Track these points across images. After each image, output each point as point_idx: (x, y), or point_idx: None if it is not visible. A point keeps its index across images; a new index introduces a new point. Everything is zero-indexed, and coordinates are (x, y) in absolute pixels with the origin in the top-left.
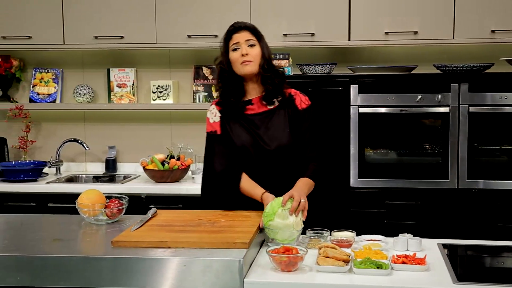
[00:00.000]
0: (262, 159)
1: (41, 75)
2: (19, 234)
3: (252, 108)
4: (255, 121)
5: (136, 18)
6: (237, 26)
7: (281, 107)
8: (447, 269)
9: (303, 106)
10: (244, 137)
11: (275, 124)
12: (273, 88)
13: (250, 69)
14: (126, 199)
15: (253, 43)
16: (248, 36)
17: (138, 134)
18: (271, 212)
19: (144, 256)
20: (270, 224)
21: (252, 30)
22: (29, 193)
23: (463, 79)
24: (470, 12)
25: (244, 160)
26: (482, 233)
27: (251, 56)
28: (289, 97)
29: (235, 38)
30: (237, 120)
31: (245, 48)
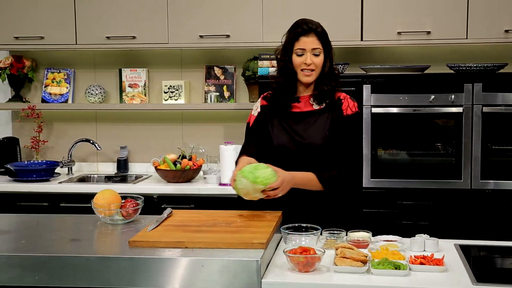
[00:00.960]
0: (297, 156)
1: (53, 75)
2: (36, 234)
3: (298, 106)
4: (297, 118)
5: (148, 18)
6: (307, 28)
7: (327, 109)
8: (466, 270)
9: (348, 112)
10: (282, 137)
11: (316, 124)
12: (327, 91)
13: (310, 80)
14: (141, 199)
15: (319, 52)
16: (315, 44)
17: (150, 134)
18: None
19: (161, 256)
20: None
21: (320, 36)
22: (41, 193)
23: (476, 79)
24: (484, 11)
25: (281, 159)
26: (495, 233)
27: (314, 65)
28: (338, 100)
29: (302, 42)
30: (281, 117)
31: (310, 57)
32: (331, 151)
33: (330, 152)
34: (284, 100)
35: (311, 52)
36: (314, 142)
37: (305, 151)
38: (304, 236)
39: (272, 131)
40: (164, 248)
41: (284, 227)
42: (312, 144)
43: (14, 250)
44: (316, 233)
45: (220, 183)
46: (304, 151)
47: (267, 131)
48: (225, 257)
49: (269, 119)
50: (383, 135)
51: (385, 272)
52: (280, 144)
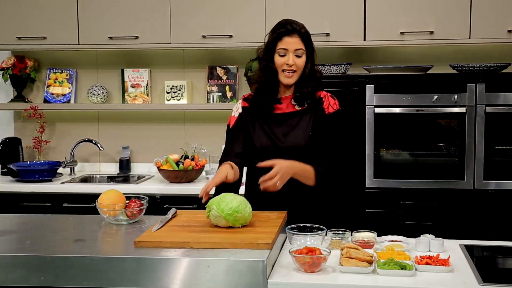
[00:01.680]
0: (280, 158)
1: (56, 75)
2: (40, 234)
3: (280, 108)
4: (279, 120)
5: (150, 18)
6: (290, 29)
7: (309, 110)
8: (471, 270)
9: (330, 110)
10: (264, 140)
11: (298, 125)
12: (307, 92)
13: (291, 81)
14: (146, 200)
15: (301, 53)
16: (298, 44)
17: (152, 134)
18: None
19: (167, 257)
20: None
21: (303, 37)
22: (44, 193)
23: (479, 79)
24: (487, 11)
25: (264, 161)
26: (498, 233)
27: (296, 66)
28: (318, 99)
29: (285, 42)
30: (262, 119)
31: (292, 58)
32: (315, 151)
33: (313, 152)
34: (266, 102)
35: (294, 52)
36: (297, 144)
37: (287, 152)
38: (309, 237)
39: (254, 133)
40: (169, 249)
41: (289, 227)
42: (294, 146)
43: (19, 250)
44: (321, 233)
45: None
46: (287, 153)
47: (249, 133)
48: (231, 257)
49: (250, 121)
50: (386, 135)
51: (391, 272)
52: (262, 146)
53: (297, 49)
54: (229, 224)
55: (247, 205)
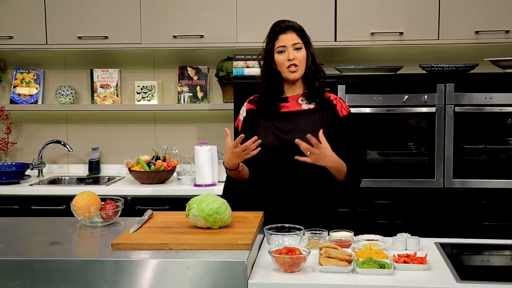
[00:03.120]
0: (285, 156)
1: (22, 75)
2: (15, 238)
3: (287, 106)
4: (285, 118)
5: (120, 18)
6: (284, 26)
7: (317, 110)
8: (448, 268)
9: (344, 113)
10: (270, 138)
11: (305, 124)
12: (318, 88)
13: (297, 76)
14: (121, 201)
15: (300, 46)
16: (295, 39)
17: (122, 135)
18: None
19: (146, 259)
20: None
21: (299, 32)
22: (11, 196)
23: (448, 79)
24: (455, 13)
25: (269, 159)
26: (467, 231)
27: (298, 60)
28: (328, 101)
29: (282, 40)
30: (268, 118)
31: (292, 52)
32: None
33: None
34: (273, 103)
35: (292, 47)
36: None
37: (292, 151)
38: (288, 237)
39: (259, 131)
40: (148, 250)
41: (267, 227)
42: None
43: None
44: (300, 233)
45: (195, 184)
46: (292, 151)
47: (254, 132)
48: (211, 258)
49: (256, 121)
50: None
51: (370, 271)
52: (268, 145)
53: (295, 43)
54: (208, 225)
55: (228, 208)
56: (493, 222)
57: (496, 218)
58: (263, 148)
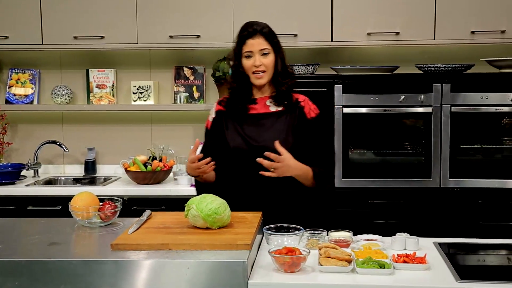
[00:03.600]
0: (252, 158)
1: (18, 75)
2: (13, 238)
3: (255, 108)
4: (252, 120)
5: (117, 18)
6: (252, 31)
7: (285, 112)
8: (448, 267)
9: (312, 115)
10: (237, 140)
11: (273, 127)
12: (285, 91)
13: (263, 82)
14: (120, 201)
15: (267, 51)
16: (262, 44)
17: (118, 135)
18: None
19: (146, 259)
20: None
21: (267, 36)
22: (7, 196)
23: (445, 79)
24: (451, 13)
25: (236, 161)
26: (463, 231)
27: (264, 66)
28: (296, 103)
29: (249, 45)
30: (236, 120)
31: (258, 59)
32: (293, 153)
33: (298, 155)
34: (241, 105)
35: (259, 53)
36: (270, 145)
37: (259, 153)
38: (287, 237)
39: (228, 134)
40: (147, 251)
41: (266, 227)
42: (266, 147)
43: None
44: (299, 233)
45: (191, 184)
46: (259, 154)
47: (223, 135)
48: (211, 258)
49: (225, 123)
50: (355, 135)
51: (370, 271)
52: (235, 147)
53: (262, 49)
54: (207, 225)
55: (227, 208)
56: (489, 221)
57: (492, 217)
58: (230, 151)
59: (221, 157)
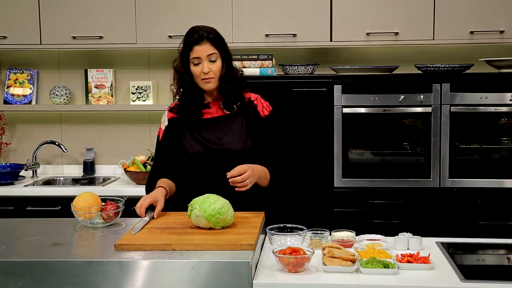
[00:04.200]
0: (213, 163)
1: (16, 76)
2: (15, 239)
3: (209, 112)
4: (208, 124)
5: (115, 18)
6: (198, 37)
7: (240, 113)
8: (451, 267)
9: (265, 113)
10: (196, 146)
11: (230, 129)
12: (232, 96)
13: (212, 86)
14: (122, 202)
15: (215, 58)
16: (210, 50)
17: (117, 135)
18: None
19: (150, 259)
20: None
21: (213, 41)
22: (6, 197)
23: (444, 79)
24: (450, 13)
25: (197, 168)
26: (463, 230)
27: (212, 73)
28: (249, 102)
29: (196, 51)
30: (191, 126)
31: (206, 65)
32: (252, 153)
33: (250, 155)
34: (193, 109)
35: (207, 59)
36: (232, 148)
37: (221, 157)
38: (290, 237)
39: (185, 141)
40: (151, 251)
41: (269, 227)
42: (229, 149)
43: None
44: (302, 233)
45: None
46: (221, 157)
47: (180, 143)
48: (215, 258)
49: (180, 130)
50: (354, 135)
51: (374, 271)
52: (195, 153)
53: (209, 55)
54: (210, 225)
55: (230, 208)
56: (489, 221)
57: (492, 217)
58: (190, 157)
59: (177, 166)
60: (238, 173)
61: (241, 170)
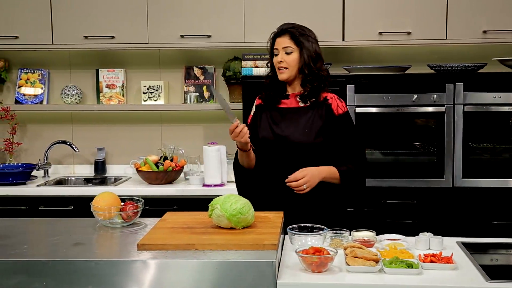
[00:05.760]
0: (277, 150)
1: (27, 75)
2: (36, 239)
3: (286, 103)
4: (281, 113)
5: (127, 17)
6: (280, 30)
7: (311, 107)
8: (475, 267)
9: (339, 111)
10: (265, 130)
11: (298, 121)
12: (311, 91)
13: (285, 77)
14: (141, 202)
15: (291, 50)
16: (287, 43)
17: (128, 135)
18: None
19: (173, 259)
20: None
21: (292, 35)
22: (19, 197)
23: (457, 78)
24: (462, 12)
25: (264, 152)
26: (476, 230)
27: (286, 63)
28: (324, 100)
29: (276, 43)
30: (269, 112)
31: (281, 56)
32: (321, 148)
33: (317, 149)
34: (273, 96)
35: (283, 51)
36: (292, 138)
37: (283, 145)
38: (310, 236)
39: (260, 126)
40: (174, 251)
41: (290, 227)
42: (288, 139)
43: (18, 255)
44: (323, 233)
45: (203, 184)
46: (282, 145)
47: (258, 127)
48: (239, 258)
49: (260, 115)
50: (367, 134)
51: (398, 271)
52: (263, 137)
53: (285, 47)
54: (231, 225)
55: (251, 208)
56: (502, 221)
57: (505, 217)
58: (259, 141)
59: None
60: (294, 179)
61: (297, 176)
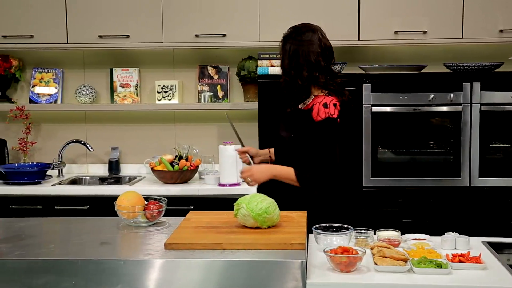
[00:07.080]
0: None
1: (41, 75)
2: (62, 238)
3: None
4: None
5: (142, 17)
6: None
7: (301, 112)
8: (504, 267)
9: (318, 118)
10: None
11: (290, 121)
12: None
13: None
14: (165, 201)
15: (280, 57)
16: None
17: (142, 134)
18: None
19: (202, 258)
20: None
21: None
22: (34, 196)
23: (474, 78)
24: (479, 11)
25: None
26: (493, 230)
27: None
28: (312, 106)
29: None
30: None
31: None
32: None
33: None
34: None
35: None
36: (281, 136)
37: (279, 143)
38: (336, 236)
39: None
40: (202, 250)
41: (315, 226)
42: (282, 137)
43: (46, 254)
44: (348, 232)
45: (219, 183)
46: (279, 143)
47: None
48: (267, 258)
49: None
50: (383, 134)
51: (428, 271)
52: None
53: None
54: (257, 225)
55: (276, 208)
56: None
57: None
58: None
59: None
60: (242, 172)
61: (244, 171)
